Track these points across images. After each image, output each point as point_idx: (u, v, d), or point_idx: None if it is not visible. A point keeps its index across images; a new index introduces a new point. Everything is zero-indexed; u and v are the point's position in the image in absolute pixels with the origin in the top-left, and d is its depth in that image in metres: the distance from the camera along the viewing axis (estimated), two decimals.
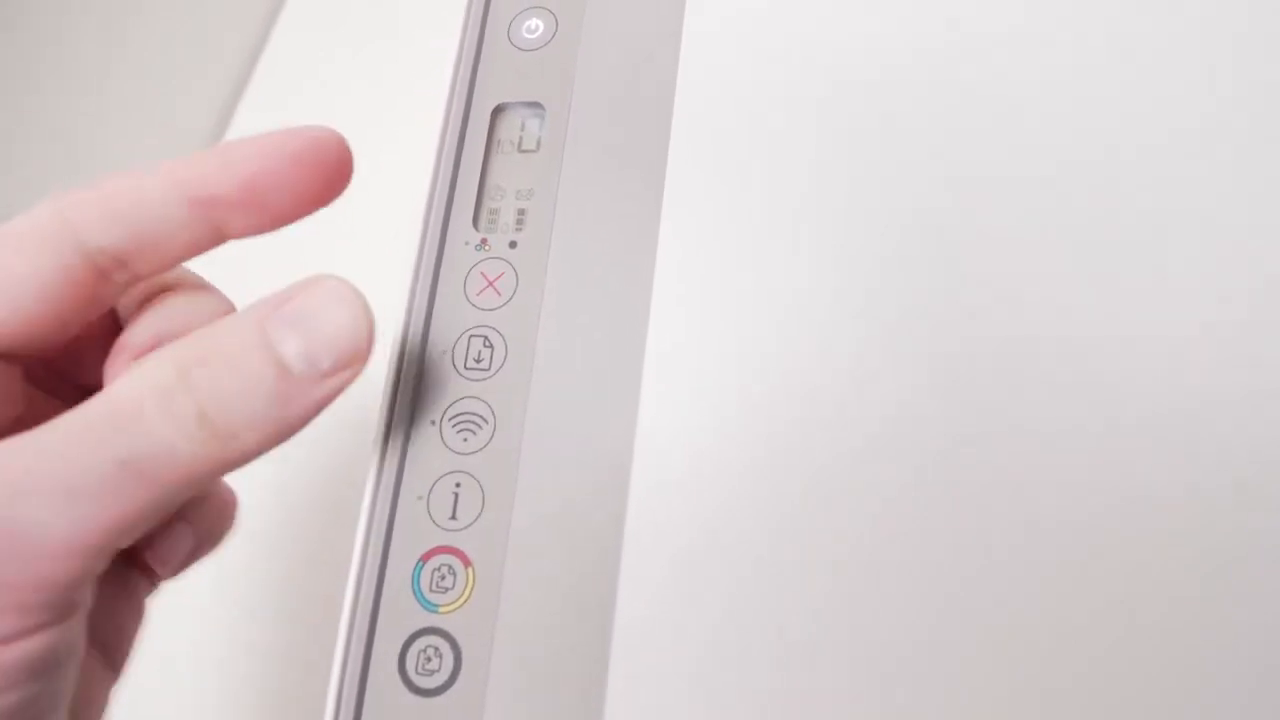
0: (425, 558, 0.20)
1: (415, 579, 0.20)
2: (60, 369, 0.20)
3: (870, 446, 0.19)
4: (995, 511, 0.18)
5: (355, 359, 0.17)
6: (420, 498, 0.20)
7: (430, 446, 0.20)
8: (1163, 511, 0.18)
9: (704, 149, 0.21)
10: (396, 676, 0.19)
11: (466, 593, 0.19)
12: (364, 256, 0.33)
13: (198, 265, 0.19)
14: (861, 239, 0.20)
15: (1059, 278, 0.19)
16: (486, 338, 0.21)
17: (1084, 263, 0.19)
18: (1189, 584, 0.17)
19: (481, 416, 0.20)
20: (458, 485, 0.20)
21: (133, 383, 0.16)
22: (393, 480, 0.20)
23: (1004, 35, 0.21)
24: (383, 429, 0.21)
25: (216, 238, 0.18)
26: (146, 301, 0.19)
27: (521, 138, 0.23)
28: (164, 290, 0.19)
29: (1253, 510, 0.18)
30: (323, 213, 0.18)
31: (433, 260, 0.21)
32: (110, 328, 0.19)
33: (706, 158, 0.21)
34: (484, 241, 0.22)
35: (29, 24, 0.37)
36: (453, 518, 0.20)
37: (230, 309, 0.19)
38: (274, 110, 0.45)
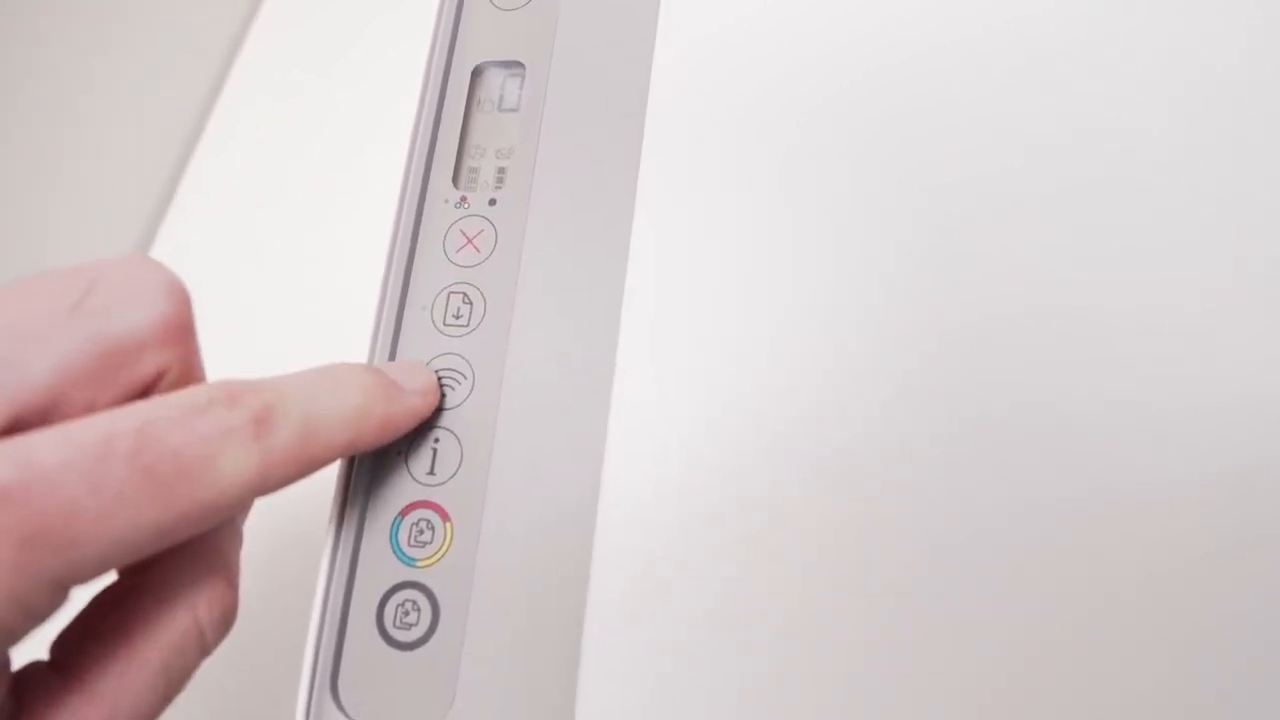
0: (404, 513, 0.20)
1: (394, 533, 0.20)
2: None
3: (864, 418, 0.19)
4: (983, 519, 0.18)
5: (433, 393, 0.20)
6: (399, 453, 0.20)
7: None
8: (1157, 509, 0.18)
9: (682, 108, 0.21)
10: (374, 630, 0.19)
11: (444, 547, 0.20)
12: (353, 237, 0.33)
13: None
14: (849, 200, 0.20)
15: (1038, 272, 0.19)
16: (465, 294, 0.21)
17: (1073, 259, 0.19)
18: (1188, 583, 0.17)
19: (460, 372, 0.20)
20: (436, 441, 0.20)
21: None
22: None
23: (964, 37, 0.21)
24: None
25: None
26: None
27: (502, 97, 0.23)
28: None
29: (1251, 504, 0.17)
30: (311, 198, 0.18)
31: (412, 217, 0.21)
32: None
33: (685, 116, 0.21)
34: (464, 199, 0.22)
35: (6, 26, 0.37)
36: (431, 473, 0.20)
37: None
38: (254, 108, 0.45)
